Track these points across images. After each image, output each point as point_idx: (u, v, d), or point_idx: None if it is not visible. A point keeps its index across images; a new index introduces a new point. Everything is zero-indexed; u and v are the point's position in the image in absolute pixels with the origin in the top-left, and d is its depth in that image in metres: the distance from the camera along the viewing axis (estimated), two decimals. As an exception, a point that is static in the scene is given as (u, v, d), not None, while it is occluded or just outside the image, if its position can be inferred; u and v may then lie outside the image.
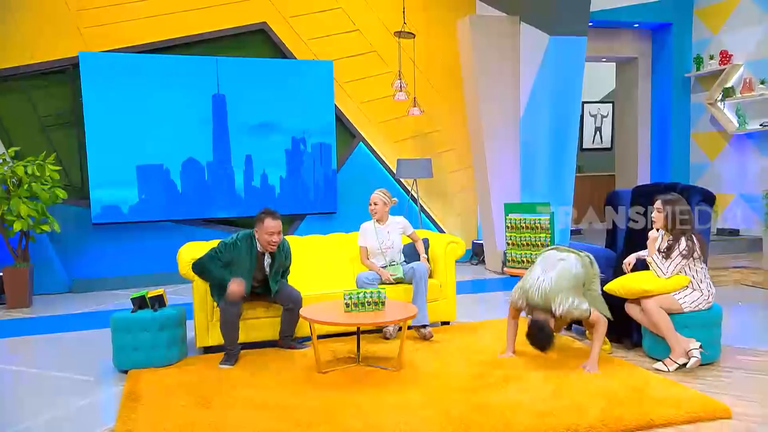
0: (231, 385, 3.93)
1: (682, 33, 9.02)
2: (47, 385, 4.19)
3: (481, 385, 3.81)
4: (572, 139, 8.01)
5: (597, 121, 12.62)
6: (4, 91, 7.20)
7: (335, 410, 3.45)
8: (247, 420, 3.36)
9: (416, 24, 8.28)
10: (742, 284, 7.08)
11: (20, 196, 6.46)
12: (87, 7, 7.34)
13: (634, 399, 3.54)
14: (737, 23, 8.40)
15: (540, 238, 5.77)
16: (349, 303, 4.13)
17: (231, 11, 7.88)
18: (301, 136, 8.04)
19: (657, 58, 9.35)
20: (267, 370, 4.24)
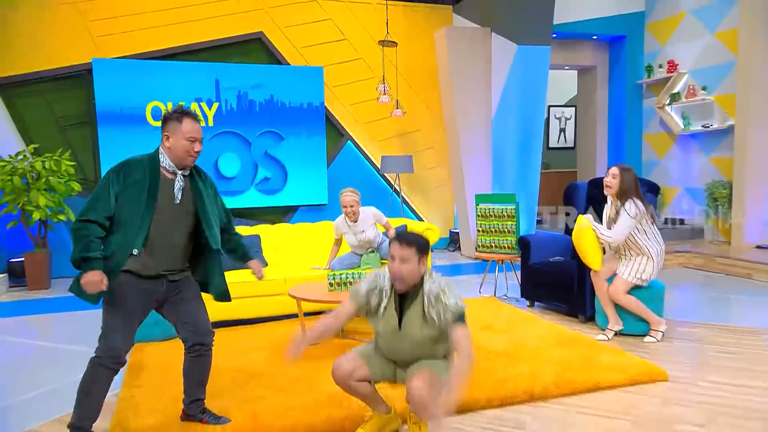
0: (223, 357, 3.89)
1: (634, 45, 9.05)
2: (62, 357, 4.20)
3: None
4: (538, 139, 8.03)
5: (561, 123, 12.64)
6: (24, 94, 7.12)
7: (316, 378, 3.45)
8: (237, 387, 3.38)
9: (398, 34, 8.27)
10: (686, 266, 7.16)
11: (39, 188, 6.44)
12: (99, 18, 7.29)
13: (584, 366, 3.59)
14: (682, 37, 8.45)
15: (507, 225, 5.75)
16: (333, 283, 4.14)
17: (231, 22, 7.83)
18: (294, 135, 8.01)
19: (613, 67, 9.38)
20: (258, 343, 4.23)
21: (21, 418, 3.12)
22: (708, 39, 8.07)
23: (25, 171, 6.44)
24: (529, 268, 5.29)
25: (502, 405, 3.12)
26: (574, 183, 5.58)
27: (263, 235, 5.34)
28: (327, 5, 8.27)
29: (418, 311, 2.62)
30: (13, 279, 6.72)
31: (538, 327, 4.53)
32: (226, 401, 3.14)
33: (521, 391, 3.21)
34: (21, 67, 7.03)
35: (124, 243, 2.57)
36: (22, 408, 3.27)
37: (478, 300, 5.47)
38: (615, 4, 8.89)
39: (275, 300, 4.78)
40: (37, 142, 7.02)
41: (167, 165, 2.67)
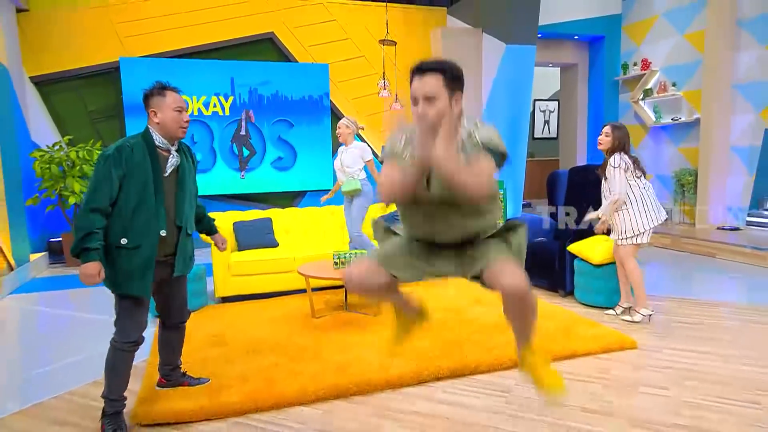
0: (241, 328, 3.94)
1: (612, 44, 8.96)
2: (98, 327, 4.21)
3: (444, 327, 3.83)
4: (524, 130, 7.99)
5: (546, 116, 12.57)
6: (59, 90, 7.09)
7: (324, 347, 3.48)
8: (252, 355, 3.39)
9: (397, 34, 8.18)
10: (655, 246, 7.17)
11: (74, 175, 6.44)
12: (126, 21, 7.24)
13: (563, 335, 3.61)
14: (655, 37, 8.37)
15: (495, 209, 5.75)
16: (338, 261, 4.13)
17: (244, 23, 7.75)
18: (303, 126, 7.98)
19: (592, 65, 9.31)
20: (271, 316, 4.24)
21: (62, 380, 3.15)
22: (678, 40, 7.99)
23: (61, 160, 6.43)
24: (515, 248, 5.30)
25: (490, 370, 3.14)
26: (556, 171, 5.57)
27: (274, 218, 5.34)
28: (332, 7, 8.18)
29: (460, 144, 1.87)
30: (53, 257, 6.76)
31: (522, 301, 4.54)
32: (244, 368, 3.16)
33: (507, 358, 3.22)
34: (56, 65, 7.00)
35: (150, 227, 2.41)
36: (62, 371, 3.30)
37: (468, 276, 5.47)
38: (594, 7, 8.78)
39: (286, 276, 4.78)
40: (71, 134, 7.02)
41: (161, 142, 2.48)
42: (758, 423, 2.52)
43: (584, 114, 9.57)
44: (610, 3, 8.88)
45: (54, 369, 3.37)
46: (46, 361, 3.50)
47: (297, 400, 2.77)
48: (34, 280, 5.94)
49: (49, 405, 2.86)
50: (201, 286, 4.49)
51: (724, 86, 7.10)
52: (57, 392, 3.01)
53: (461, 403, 2.77)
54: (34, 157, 6.44)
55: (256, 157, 7.80)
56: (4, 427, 2.64)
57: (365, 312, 4.24)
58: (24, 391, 3.08)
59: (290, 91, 7.84)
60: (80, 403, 2.88)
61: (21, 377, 3.29)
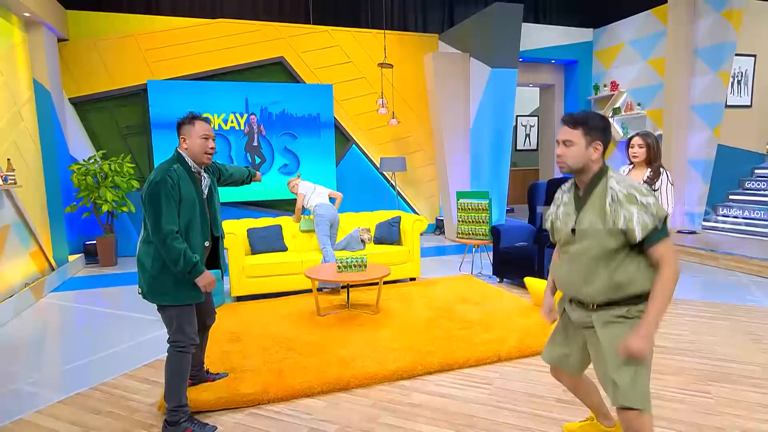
0: (254, 325, 3.97)
1: (584, 68, 8.99)
2: (128, 323, 4.25)
3: (434, 325, 3.86)
4: (507, 143, 7.98)
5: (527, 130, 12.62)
6: (94, 110, 7.09)
7: (328, 343, 3.50)
8: (264, 350, 3.41)
9: (394, 57, 8.21)
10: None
11: (107, 186, 6.45)
12: (153, 48, 7.24)
13: (541, 332, 3.62)
14: (622, 62, 8.41)
15: (481, 216, 5.78)
16: (341, 266, 4.15)
17: (257, 49, 7.76)
18: (310, 140, 7.99)
19: (568, 85, 9.33)
20: (281, 314, 4.26)
21: (98, 372, 3.19)
22: (642, 65, 8.03)
23: (96, 172, 6.44)
24: (499, 251, 5.33)
25: (476, 365, 3.17)
26: (535, 182, 5.59)
27: (283, 224, 5.36)
28: (336, 34, 8.20)
29: (597, 206, 1.76)
30: (88, 258, 6.78)
31: (506, 300, 4.54)
32: (258, 362, 3.20)
33: (491, 353, 3.26)
34: (92, 88, 7.02)
35: (198, 242, 2.45)
36: (97, 364, 3.34)
37: (458, 277, 5.49)
38: (569, 35, 8.81)
39: (294, 278, 4.81)
40: (104, 148, 7.03)
41: (192, 166, 2.49)
42: (708, 411, 2.56)
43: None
44: (582, 31, 8.91)
45: (90, 362, 3.41)
46: (83, 354, 3.53)
47: (304, 393, 2.80)
48: (71, 279, 5.96)
49: (87, 395, 2.89)
50: (219, 287, 4.51)
51: (682, 107, 7.15)
52: (93, 383, 3.04)
53: (450, 394, 2.81)
54: (72, 169, 6.46)
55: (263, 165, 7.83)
56: (47, 415, 2.68)
57: (365, 311, 4.28)
58: (65, 381, 3.12)
59: (296, 109, 7.85)
60: (114, 393, 2.91)
61: (61, 369, 3.32)
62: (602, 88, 8.74)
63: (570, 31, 8.82)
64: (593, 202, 1.78)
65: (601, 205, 1.75)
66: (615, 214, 1.71)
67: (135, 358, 3.43)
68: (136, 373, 3.18)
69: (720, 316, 4.04)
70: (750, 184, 7.58)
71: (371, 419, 2.55)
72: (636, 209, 1.68)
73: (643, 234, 1.68)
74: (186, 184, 2.41)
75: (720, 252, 5.92)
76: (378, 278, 4.09)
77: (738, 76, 7.55)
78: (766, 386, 2.82)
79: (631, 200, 1.69)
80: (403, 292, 4.86)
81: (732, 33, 6.71)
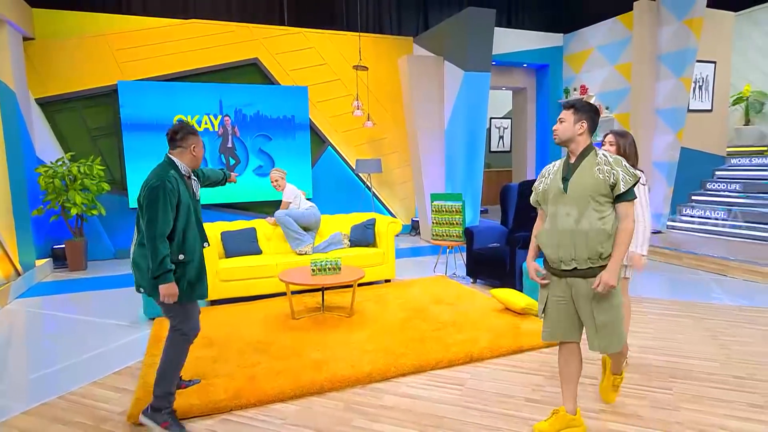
0: (227, 329, 3.92)
1: (555, 71, 9.16)
2: (97, 329, 4.14)
3: (408, 326, 3.88)
4: (481, 145, 8.08)
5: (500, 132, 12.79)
6: (63, 110, 6.89)
7: (302, 346, 3.48)
8: (238, 355, 3.38)
9: (369, 60, 8.22)
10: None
11: (75, 188, 6.28)
12: (123, 48, 7.07)
13: (512, 332, 3.68)
14: (591, 67, 8.60)
15: (455, 218, 5.84)
16: (315, 269, 4.13)
17: (231, 50, 7.66)
18: (285, 141, 7.93)
19: (539, 88, 9.49)
20: (255, 317, 4.22)
21: (66, 381, 3.10)
22: (609, 70, 8.23)
23: (64, 174, 6.26)
24: (473, 252, 5.38)
25: (449, 366, 3.20)
26: (508, 184, 5.66)
27: (258, 227, 5.30)
28: (311, 36, 8.16)
29: (588, 167, 2.20)
30: (57, 262, 6.57)
31: (479, 300, 4.59)
32: (231, 367, 3.16)
33: (463, 354, 3.29)
34: (59, 88, 6.81)
35: (197, 242, 2.58)
36: (65, 372, 3.25)
37: (433, 278, 5.52)
38: (540, 40, 8.97)
39: (268, 281, 4.77)
40: (73, 150, 6.83)
41: (185, 170, 2.61)
42: (670, 407, 2.65)
43: (533, 131, 9.76)
44: (553, 36, 9.08)
45: (57, 370, 3.31)
46: (50, 363, 3.43)
47: (277, 397, 2.79)
48: (39, 284, 5.78)
49: (53, 405, 2.82)
50: (193, 291, 4.44)
51: (648, 111, 7.35)
52: (60, 392, 2.96)
53: (421, 396, 2.83)
54: (39, 172, 6.26)
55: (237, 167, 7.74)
56: (11, 427, 2.59)
57: (340, 313, 4.27)
58: (30, 391, 3.02)
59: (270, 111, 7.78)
60: (83, 402, 2.84)
61: (27, 378, 3.22)
62: (572, 91, 8.93)
63: (541, 35, 8.98)
64: (583, 166, 2.23)
65: (590, 167, 2.21)
66: (605, 171, 2.18)
67: (104, 366, 3.35)
68: (105, 382, 3.11)
69: (683, 314, 4.18)
70: (711, 185, 7.86)
71: (343, 423, 2.55)
72: (621, 170, 2.17)
73: (625, 188, 2.15)
74: (183, 188, 2.53)
75: (683, 251, 6.12)
76: (352, 281, 4.09)
77: (699, 82, 7.82)
78: (724, 382, 2.93)
79: (618, 164, 2.19)
80: (377, 293, 4.87)
81: (693, 40, 6.94)
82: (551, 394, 2.81)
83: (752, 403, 2.68)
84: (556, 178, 2.30)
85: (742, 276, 5.36)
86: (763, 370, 3.08)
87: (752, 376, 2.99)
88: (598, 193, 2.18)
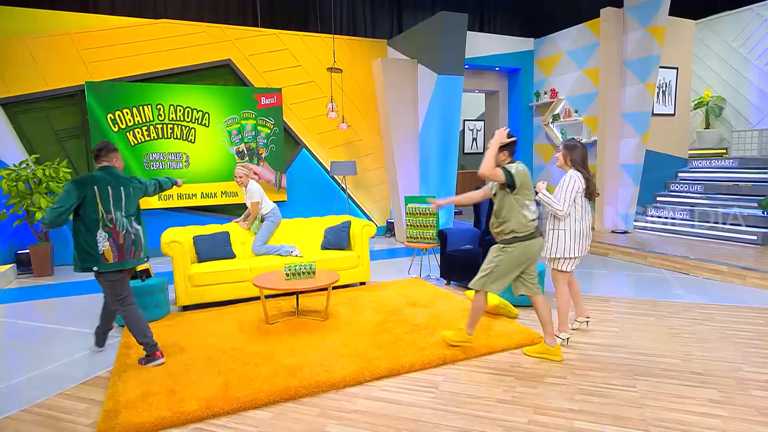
0: (200, 335, 3.86)
1: (527, 75, 9.33)
2: (64, 337, 4.02)
3: (383, 329, 3.89)
4: (454, 148, 8.14)
5: (474, 134, 12.92)
6: (27, 111, 6.65)
7: (276, 352, 3.46)
8: (210, 361, 3.34)
9: (343, 62, 8.21)
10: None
11: (40, 192, 6.08)
12: (91, 47, 6.87)
13: (484, 333, 3.72)
14: (561, 71, 8.79)
15: (429, 221, 5.88)
16: (289, 273, 4.10)
17: (203, 51, 7.53)
18: (259, 144, 7.85)
19: (511, 92, 9.64)
20: (228, 323, 4.16)
21: (30, 392, 3.00)
22: (578, 74, 8.44)
23: (28, 177, 6.05)
24: (446, 255, 5.42)
25: (422, 368, 3.23)
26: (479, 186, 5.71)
27: (231, 231, 5.24)
28: (284, 37, 8.09)
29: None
30: (21, 268, 6.34)
31: (452, 302, 4.63)
32: (202, 374, 3.12)
33: (436, 356, 3.32)
34: (24, 88, 6.57)
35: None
36: (30, 384, 3.14)
37: (407, 280, 5.54)
38: (511, 44, 9.12)
39: (241, 285, 4.71)
40: (38, 152, 6.61)
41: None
42: (633, 404, 2.74)
43: (505, 133, 9.89)
44: (524, 41, 9.24)
45: (21, 381, 3.21)
46: (13, 374, 3.32)
47: (250, 404, 2.76)
48: (2, 291, 5.57)
49: (17, 418, 2.72)
50: (163, 296, 4.36)
51: (614, 114, 7.57)
52: (24, 405, 2.86)
53: (396, 399, 2.84)
54: (2, 175, 6.03)
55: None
56: (-29, 442, 2.50)
57: (314, 317, 4.25)
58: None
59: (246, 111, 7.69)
60: (48, 415, 2.75)
61: (-12, 392, 3.10)
62: (543, 95, 9.10)
63: (513, 40, 9.13)
64: None
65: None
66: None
67: (70, 376, 3.25)
68: (72, 392, 3.02)
69: (646, 312, 4.31)
70: (674, 186, 8.14)
71: (317, 428, 2.55)
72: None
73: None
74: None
75: (648, 251, 6.32)
76: (327, 284, 4.08)
77: (662, 87, 8.09)
78: (684, 378, 3.05)
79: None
80: (352, 296, 4.86)
81: (656, 47, 7.17)
82: (520, 395, 2.86)
83: (711, 398, 2.79)
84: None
85: (702, 274, 5.58)
86: (720, 366, 3.21)
87: (709, 372, 3.11)
88: None
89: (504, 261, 3.26)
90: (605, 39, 7.49)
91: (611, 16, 7.40)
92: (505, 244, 3.28)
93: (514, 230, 3.24)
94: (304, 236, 5.48)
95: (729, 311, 4.32)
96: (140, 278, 4.21)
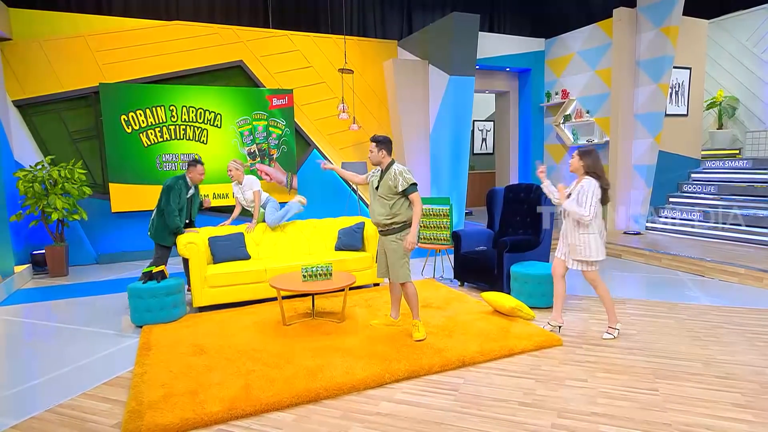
0: (219, 336, 3.88)
1: (537, 76, 9.30)
2: (83, 337, 4.04)
3: (399, 331, 3.89)
4: (465, 149, 8.13)
5: (484, 134, 12.89)
6: (42, 113, 6.71)
7: (294, 353, 3.46)
8: (230, 362, 3.35)
9: (354, 63, 8.21)
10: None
11: (56, 193, 6.14)
12: (105, 49, 6.93)
13: (502, 336, 3.71)
14: (572, 71, 8.75)
15: (442, 222, 5.86)
16: (306, 275, 4.11)
17: (215, 52, 7.57)
18: (271, 145, 7.86)
19: (522, 92, 9.61)
20: (245, 324, 4.18)
21: (53, 393, 3.02)
22: (590, 74, 8.40)
23: (44, 179, 6.09)
24: (460, 256, 5.41)
25: (441, 371, 3.21)
26: (493, 189, 5.71)
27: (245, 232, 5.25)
28: (296, 39, 8.11)
29: (388, 177, 3.65)
30: (36, 268, 6.40)
31: (467, 303, 4.61)
32: (223, 375, 3.13)
33: (455, 359, 3.31)
34: (39, 90, 6.65)
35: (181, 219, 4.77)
36: (51, 384, 3.16)
37: (421, 281, 5.52)
38: (522, 45, 9.09)
39: (258, 286, 4.72)
40: (53, 154, 6.67)
41: (189, 183, 4.86)
42: (655, 407, 2.72)
43: (516, 133, 9.88)
44: (535, 41, 9.22)
45: (43, 382, 3.23)
46: (35, 374, 3.34)
47: (273, 406, 2.76)
48: (18, 291, 5.61)
49: (42, 419, 2.74)
50: (180, 297, 4.38)
51: (627, 115, 7.53)
52: (48, 405, 2.88)
53: (417, 402, 2.84)
54: (18, 176, 6.09)
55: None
56: (-1, 442, 2.52)
57: (331, 319, 4.25)
58: (16, 405, 2.93)
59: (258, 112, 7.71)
60: (73, 415, 2.77)
61: (11, 391, 3.12)
62: (554, 95, 9.07)
63: (523, 40, 9.10)
64: (387, 175, 3.68)
65: (389, 176, 3.66)
66: (395, 179, 3.63)
67: (93, 376, 3.27)
68: (94, 393, 3.04)
69: (665, 315, 4.28)
70: (687, 187, 8.08)
71: (342, 431, 2.55)
72: (401, 178, 3.61)
73: (402, 189, 3.62)
74: (183, 195, 4.78)
75: (662, 252, 6.28)
76: (344, 287, 4.08)
77: (675, 87, 8.03)
78: (706, 381, 3.02)
79: (402, 174, 3.63)
80: (367, 298, 4.86)
81: (670, 47, 7.12)
82: (542, 398, 2.85)
83: (735, 402, 2.76)
84: (375, 180, 3.76)
85: (719, 276, 5.53)
86: (743, 369, 3.18)
87: (732, 376, 3.09)
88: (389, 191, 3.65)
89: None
90: (618, 39, 7.45)
91: (624, 16, 7.36)
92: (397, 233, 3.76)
93: (405, 221, 3.77)
94: (318, 237, 5.49)
95: (749, 314, 4.28)
96: (156, 279, 4.23)
